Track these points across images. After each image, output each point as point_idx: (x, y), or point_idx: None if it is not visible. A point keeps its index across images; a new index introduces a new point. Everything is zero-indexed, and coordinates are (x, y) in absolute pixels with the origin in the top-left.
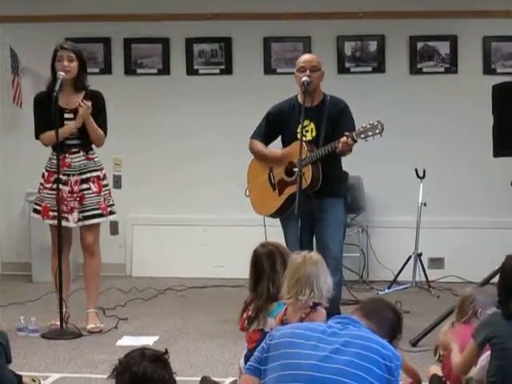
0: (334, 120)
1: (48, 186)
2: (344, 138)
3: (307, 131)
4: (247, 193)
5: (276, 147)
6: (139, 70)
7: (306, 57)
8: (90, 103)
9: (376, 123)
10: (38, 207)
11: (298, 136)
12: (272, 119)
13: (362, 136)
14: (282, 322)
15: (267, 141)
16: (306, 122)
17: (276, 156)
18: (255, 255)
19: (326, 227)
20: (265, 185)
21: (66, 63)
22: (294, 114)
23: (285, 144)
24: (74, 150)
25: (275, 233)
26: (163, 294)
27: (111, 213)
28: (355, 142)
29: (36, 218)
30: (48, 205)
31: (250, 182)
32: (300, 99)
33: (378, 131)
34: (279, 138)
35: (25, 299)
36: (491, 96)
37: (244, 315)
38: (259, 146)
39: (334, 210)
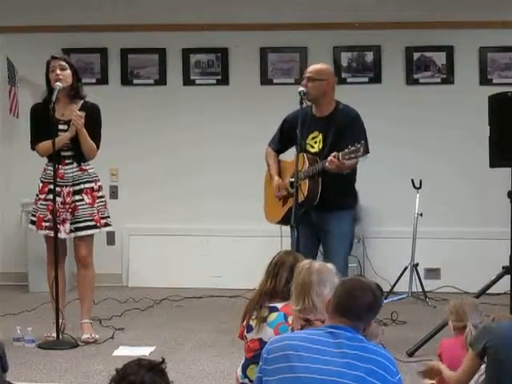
0: (341, 131)
1: (42, 196)
2: (331, 157)
3: (316, 142)
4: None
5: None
6: (136, 81)
7: (311, 66)
8: (83, 113)
9: (359, 146)
10: (33, 218)
11: (307, 147)
12: (286, 127)
13: (347, 157)
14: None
15: (282, 148)
16: (315, 133)
17: (272, 177)
18: (278, 258)
19: (331, 240)
20: (274, 193)
21: (58, 72)
22: (306, 124)
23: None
24: (67, 161)
25: (276, 244)
26: (160, 305)
27: (106, 225)
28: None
29: (32, 229)
30: (41, 215)
31: (265, 190)
32: (313, 109)
33: (359, 154)
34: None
35: (21, 309)
36: (487, 106)
37: (244, 323)
38: (270, 159)
39: (339, 223)
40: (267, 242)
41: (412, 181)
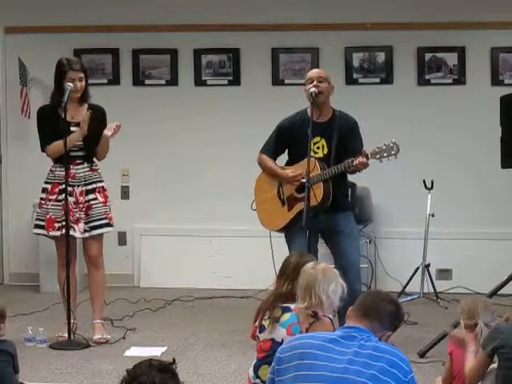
0: (345, 137)
1: (53, 197)
2: (360, 158)
3: (318, 148)
4: (253, 206)
5: (281, 162)
6: (147, 81)
7: (313, 70)
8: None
9: (392, 144)
10: (40, 222)
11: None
12: (283, 133)
13: (377, 156)
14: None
15: (277, 155)
16: (317, 139)
17: (286, 176)
18: (296, 262)
19: (344, 238)
20: (274, 200)
21: (78, 85)
22: (305, 129)
23: (292, 158)
24: (78, 161)
25: (282, 244)
26: (171, 305)
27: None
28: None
29: (39, 234)
30: (53, 216)
31: (257, 196)
32: (313, 114)
33: (393, 152)
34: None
35: (33, 309)
36: (499, 107)
37: (256, 323)
38: (269, 162)
39: (348, 222)
40: (278, 242)
41: (424, 181)
